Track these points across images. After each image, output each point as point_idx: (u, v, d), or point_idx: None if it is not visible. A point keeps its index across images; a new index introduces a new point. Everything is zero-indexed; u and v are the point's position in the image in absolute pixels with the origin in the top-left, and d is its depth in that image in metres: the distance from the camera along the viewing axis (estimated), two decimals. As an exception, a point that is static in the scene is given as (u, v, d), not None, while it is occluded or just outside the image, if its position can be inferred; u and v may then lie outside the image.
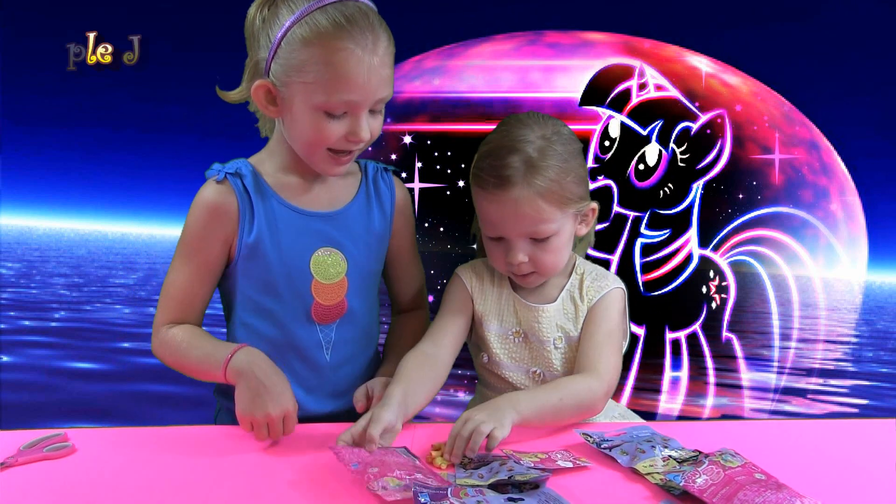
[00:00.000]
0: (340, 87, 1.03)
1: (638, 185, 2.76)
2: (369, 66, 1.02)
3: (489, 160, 1.13)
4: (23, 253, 9.04)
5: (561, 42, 3.03)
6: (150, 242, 8.84)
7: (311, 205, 1.16)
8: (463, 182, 2.78)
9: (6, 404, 3.31)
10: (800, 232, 2.96)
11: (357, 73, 1.02)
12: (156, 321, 1.15)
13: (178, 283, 1.14)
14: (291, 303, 1.14)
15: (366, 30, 1.03)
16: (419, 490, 0.78)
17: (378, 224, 1.21)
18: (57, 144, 7.32)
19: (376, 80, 1.04)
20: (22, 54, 2.43)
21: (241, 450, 0.99)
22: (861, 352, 4.73)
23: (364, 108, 1.06)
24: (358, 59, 1.02)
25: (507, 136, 1.14)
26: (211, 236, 1.12)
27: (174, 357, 1.12)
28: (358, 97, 1.04)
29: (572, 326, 1.20)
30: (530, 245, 1.14)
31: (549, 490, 0.82)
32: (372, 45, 1.03)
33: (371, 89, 1.04)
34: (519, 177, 1.10)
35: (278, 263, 1.13)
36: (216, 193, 1.12)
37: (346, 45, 1.01)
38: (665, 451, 0.92)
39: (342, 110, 1.05)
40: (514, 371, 1.20)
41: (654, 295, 2.78)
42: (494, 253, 1.18)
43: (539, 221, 1.12)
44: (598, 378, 1.12)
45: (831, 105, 2.90)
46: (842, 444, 1.03)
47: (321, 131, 1.06)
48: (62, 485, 0.86)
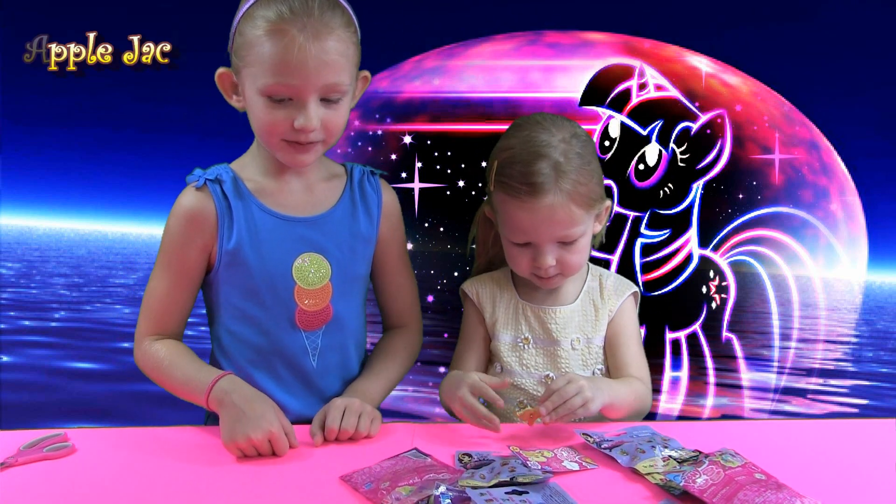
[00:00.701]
0: (278, 70, 1.02)
1: (638, 185, 2.75)
2: (307, 50, 1.01)
3: (517, 167, 1.12)
4: (23, 253, 9.04)
5: (561, 42, 3.02)
6: (150, 242, 8.84)
7: (292, 209, 1.15)
8: (463, 182, 2.78)
9: (6, 404, 3.31)
10: (800, 232, 2.96)
11: (293, 55, 1.01)
12: (138, 330, 1.15)
13: (157, 292, 1.14)
14: (275, 309, 1.13)
15: (307, 14, 1.02)
16: (440, 497, 0.78)
17: (364, 227, 1.19)
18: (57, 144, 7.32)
19: (317, 64, 1.02)
20: (22, 54, 2.43)
21: (241, 450, 0.99)
22: (861, 352, 4.72)
23: (308, 94, 1.04)
24: (294, 42, 1.01)
25: (530, 142, 1.13)
26: (189, 244, 1.12)
27: (156, 373, 1.12)
28: (297, 81, 1.03)
29: (591, 329, 1.21)
30: (558, 248, 1.14)
31: (553, 485, 0.83)
32: (313, 29, 1.02)
33: (310, 73, 1.02)
34: (551, 183, 1.10)
35: (260, 270, 1.12)
36: (194, 200, 1.12)
37: (285, 27, 1.01)
38: (665, 451, 0.92)
39: (284, 95, 1.04)
40: (525, 378, 1.21)
41: (654, 295, 2.77)
42: (519, 258, 1.17)
43: (570, 225, 1.13)
44: (646, 384, 1.18)
45: (831, 105, 2.89)
46: (842, 444, 1.03)
47: (269, 118, 1.06)
48: (62, 485, 0.86)
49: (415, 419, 1.06)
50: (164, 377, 1.12)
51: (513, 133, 1.19)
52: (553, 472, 0.88)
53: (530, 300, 1.24)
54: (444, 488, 0.80)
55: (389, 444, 1.00)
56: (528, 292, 1.25)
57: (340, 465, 0.91)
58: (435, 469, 0.87)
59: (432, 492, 0.79)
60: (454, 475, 0.85)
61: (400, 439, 1.02)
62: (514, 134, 1.18)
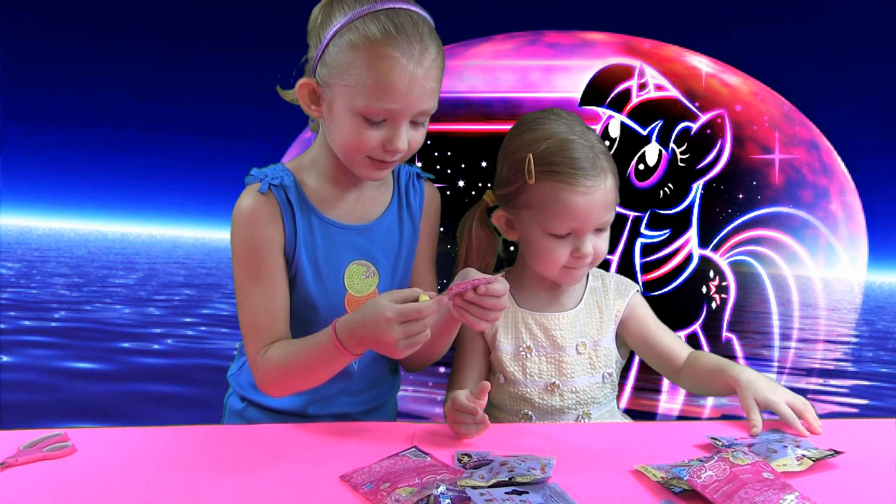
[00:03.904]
0: (381, 95, 1.01)
1: (638, 185, 2.75)
2: (412, 77, 1.00)
3: (563, 154, 1.12)
4: (23, 253, 9.04)
5: (561, 42, 3.02)
6: (150, 242, 8.86)
7: (345, 217, 1.15)
8: (463, 182, 2.77)
9: (6, 404, 3.31)
10: (800, 232, 2.96)
11: (399, 81, 1.00)
12: (250, 356, 1.11)
13: (255, 307, 1.09)
14: (325, 315, 1.12)
15: (413, 39, 1.01)
16: (440, 497, 0.78)
17: (408, 234, 1.20)
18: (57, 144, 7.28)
19: (419, 91, 1.02)
20: (22, 54, 2.43)
21: (241, 450, 0.99)
22: (861, 352, 4.72)
23: (404, 119, 1.04)
24: (402, 68, 1.00)
25: (560, 132, 1.14)
26: (269, 244, 1.10)
27: (286, 371, 1.07)
28: (398, 106, 1.02)
29: (596, 331, 1.20)
30: (593, 235, 1.15)
31: (553, 485, 0.82)
32: (418, 56, 1.01)
33: (412, 100, 1.02)
34: (601, 163, 1.13)
35: (314, 277, 1.12)
36: (260, 202, 1.09)
37: (392, 52, 1.00)
38: (798, 451, 0.92)
39: (381, 117, 1.03)
40: (530, 387, 1.20)
41: (654, 295, 2.77)
42: (558, 251, 1.15)
43: (612, 208, 1.16)
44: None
45: (831, 105, 2.89)
46: (842, 444, 1.03)
47: (359, 137, 1.04)
48: (62, 485, 0.86)
49: (415, 419, 1.06)
50: (295, 370, 1.07)
51: (531, 128, 1.17)
52: (549, 474, 0.87)
53: (531, 308, 1.22)
54: (443, 488, 0.80)
55: (389, 444, 0.99)
56: (527, 300, 1.23)
57: (340, 465, 0.91)
58: (434, 469, 0.87)
59: (432, 492, 0.79)
60: (454, 475, 0.85)
61: (400, 439, 1.02)
62: (535, 128, 1.17)
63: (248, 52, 2.66)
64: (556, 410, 1.21)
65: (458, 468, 0.88)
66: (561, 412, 1.21)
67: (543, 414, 1.21)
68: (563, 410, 1.21)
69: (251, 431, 1.07)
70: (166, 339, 5.55)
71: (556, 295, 1.23)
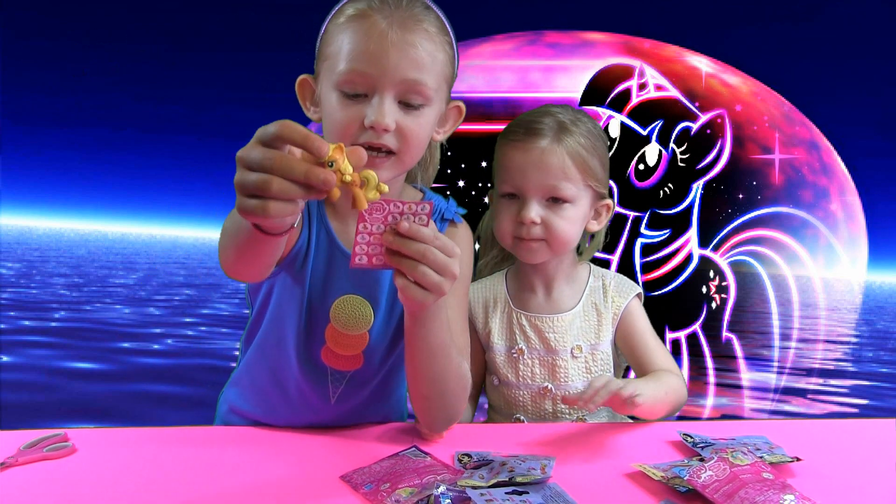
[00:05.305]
0: (354, 57, 0.92)
1: (638, 185, 2.75)
2: (390, 40, 0.91)
3: (522, 120, 1.18)
4: (23, 253, 9.04)
5: (561, 42, 3.02)
6: (150, 242, 8.81)
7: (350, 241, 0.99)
8: (463, 182, 2.78)
9: (6, 404, 3.31)
10: (800, 232, 2.96)
11: (371, 41, 0.92)
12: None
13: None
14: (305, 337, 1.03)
15: (396, 4, 0.94)
16: (440, 497, 0.78)
17: None
18: (57, 144, 7.16)
19: (398, 56, 0.92)
20: (22, 54, 2.43)
21: (241, 450, 0.99)
22: (861, 352, 4.73)
23: (384, 88, 0.93)
24: (374, 26, 0.92)
25: (539, 110, 1.19)
26: None
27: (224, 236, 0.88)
28: (373, 70, 0.92)
29: (594, 335, 1.18)
30: (545, 207, 1.14)
31: (553, 485, 0.82)
32: (400, 20, 0.93)
33: (389, 65, 0.91)
34: (549, 132, 1.14)
35: (301, 295, 1.02)
36: None
37: (370, 13, 0.93)
38: (758, 453, 0.91)
39: (358, 87, 0.93)
40: (523, 390, 1.18)
41: (654, 295, 2.77)
42: (504, 215, 1.16)
43: (561, 177, 1.13)
44: (677, 375, 1.14)
45: (831, 105, 2.90)
46: (842, 444, 1.03)
47: (340, 114, 0.94)
48: (62, 485, 0.86)
49: (415, 419, 1.06)
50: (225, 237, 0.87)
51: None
52: (549, 474, 0.88)
53: (526, 309, 1.20)
54: (443, 488, 0.80)
55: (389, 444, 0.99)
56: (524, 301, 1.21)
57: (340, 465, 0.91)
58: (434, 469, 0.87)
59: (432, 492, 0.79)
60: (454, 475, 0.85)
61: (400, 439, 1.02)
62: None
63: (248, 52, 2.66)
64: (549, 415, 1.18)
65: (459, 468, 0.88)
66: (554, 417, 1.18)
67: (537, 419, 1.18)
68: (556, 415, 1.18)
69: (251, 432, 1.07)
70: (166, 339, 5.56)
71: (553, 296, 1.21)
